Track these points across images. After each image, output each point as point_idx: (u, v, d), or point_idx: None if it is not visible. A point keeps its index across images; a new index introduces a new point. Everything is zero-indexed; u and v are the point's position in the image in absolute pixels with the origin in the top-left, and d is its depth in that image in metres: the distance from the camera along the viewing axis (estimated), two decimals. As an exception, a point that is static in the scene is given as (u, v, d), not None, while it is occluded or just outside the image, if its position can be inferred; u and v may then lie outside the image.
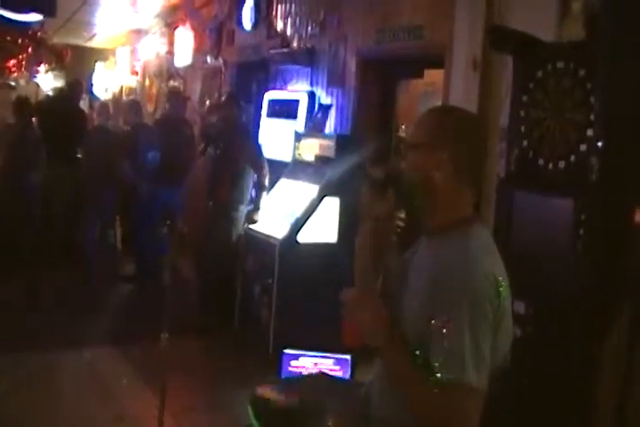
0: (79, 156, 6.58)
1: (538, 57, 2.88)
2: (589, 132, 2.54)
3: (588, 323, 2.53)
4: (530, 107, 2.87)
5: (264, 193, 4.88)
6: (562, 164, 2.66)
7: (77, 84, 7.28)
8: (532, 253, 2.71)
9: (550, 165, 2.71)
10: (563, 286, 2.58)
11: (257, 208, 4.85)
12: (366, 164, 3.99)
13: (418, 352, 1.56)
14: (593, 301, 2.52)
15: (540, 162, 2.76)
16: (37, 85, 11.94)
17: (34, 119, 6.62)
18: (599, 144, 2.51)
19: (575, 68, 2.65)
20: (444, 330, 1.51)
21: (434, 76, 4.15)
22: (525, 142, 2.87)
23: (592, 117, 2.54)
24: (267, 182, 4.89)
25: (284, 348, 3.60)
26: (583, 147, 2.56)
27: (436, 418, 1.51)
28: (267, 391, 2.15)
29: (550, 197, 2.70)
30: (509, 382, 1.69)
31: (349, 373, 3.48)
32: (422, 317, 1.56)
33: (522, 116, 2.91)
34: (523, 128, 2.90)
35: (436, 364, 1.51)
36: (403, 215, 1.84)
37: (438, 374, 1.50)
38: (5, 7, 7.23)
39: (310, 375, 2.51)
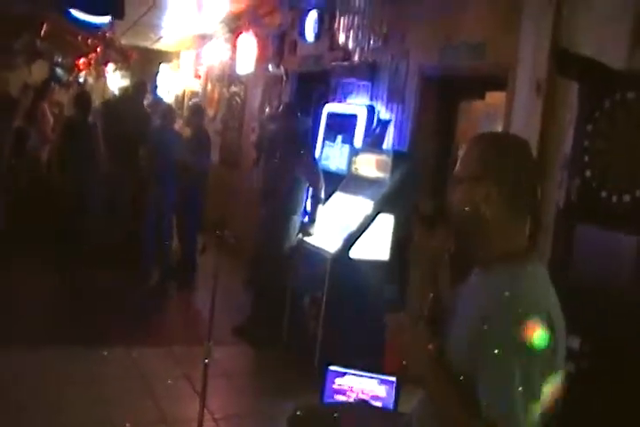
0: (141, 155, 6.70)
1: (606, 85, 2.81)
2: (657, 167, 2.47)
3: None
4: (595, 136, 2.81)
5: (320, 205, 4.88)
6: (627, 197, 2.59)
7: (142, 85, 7.45)
8: (591, 287, 2.65)
9: (614, 198, 2.64)
10: (622, 324, 2.50)
11: (312, 220, 4.86)
12: (421, 187, 3.97)
13: (464, 385, 1.53)
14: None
15: (604, 194, 2.69)
16: (104, 84, 12.27)
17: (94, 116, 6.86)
18: (667, 180, 2.44)
19: (646, 100, 2.58)
20: (493, 366, 1.48)
21: (496, 97, 4.08)
22: (588, 173, 2.80)
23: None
24: (322, 195, 4.88)
25: (330, 362, 3.59)
26: (650, 181, 2.49)
27: None
28: (306, 413, 2.15)
29: (613, 231, 2.63)
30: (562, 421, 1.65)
31: (394, 394, 3.45)
32: (470, 350, 1.54)
33: (585, 145, 2.84)
34: (586, 158, 2.83)
35: (484, 401, 1.47)
36: (454, 248, 1.82)
37: (486, 412, 1.46)
38: (78, 9, 7.46)
39: (351, 403, 2.50)
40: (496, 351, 1.47)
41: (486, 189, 1.61)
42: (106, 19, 7.94)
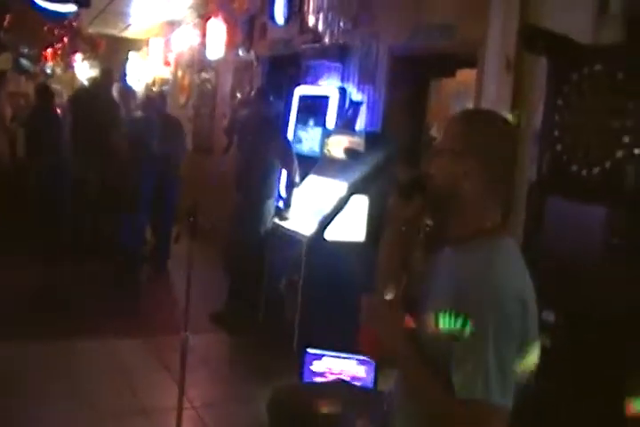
0: (112, 145, 6.62)
1: (573, 59, 2.82)
2: (626, 139, 2.48)
3: (622, 334, 2.46)
4: (564, 110, 2.81)
5: (294, 189, 4.86)
6: (596, 170, 2.61)
7: (108, 74, 7.34)
8: (563, 260, 2.66)
9: (584, 172, 2.66)
10: (595, 296, 2.52)
11: (288, 205, 4.83)
12: (395, 165, 3.97)
13: (438, 365, 1.53)
14: (626, 311, 2.46)
15: (574, 168, 2.71)
16: (73, 74, 12.08)
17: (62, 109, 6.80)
18: (636, 151, 2.45)
19: (613, 72, 2.59)
20: (467, 348, 1.47)
21: (466, 75, 4.08)
22: (559, 147, 2.81)
23: (629, 123, 2.48)
24: (297, 178, 4.86)
25: (308, 345, 3.58)
26: (619, 153, 2.50)
27: None
28: (285, 394, 2.14)
29: (583, 203, 2.65)
30: (537, 396, 1.65)
31: (373, 374, 3.45)
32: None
33: (556, 119, 2.85)
34: (556, 132, 2.84)
35: (459, 381, 1.47)
36: (429, 221, 1.80)
37: (461, 392, 1.47)
38: (44, -2, 7.35)
39: (330, 382, 2.49)
40: (469, 334, 1.47)
41: (466, 165, 1.60)
42: (72, 7, 7.82)
